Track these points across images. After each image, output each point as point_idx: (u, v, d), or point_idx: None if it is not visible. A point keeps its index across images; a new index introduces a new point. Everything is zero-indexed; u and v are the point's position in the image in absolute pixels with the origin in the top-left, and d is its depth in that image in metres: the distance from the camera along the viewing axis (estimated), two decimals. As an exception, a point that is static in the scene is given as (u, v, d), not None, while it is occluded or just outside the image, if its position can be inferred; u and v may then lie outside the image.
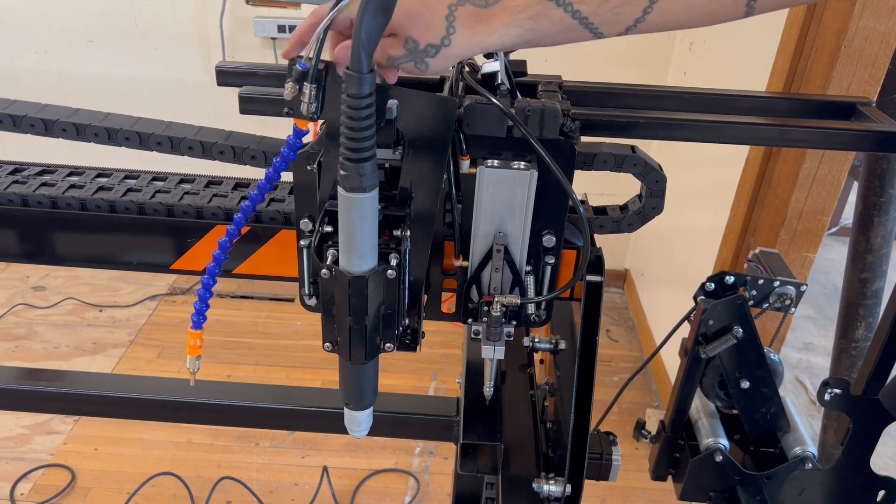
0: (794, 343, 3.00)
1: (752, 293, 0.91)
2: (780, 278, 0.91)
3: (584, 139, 0.87)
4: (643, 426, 1.00)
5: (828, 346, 1.88)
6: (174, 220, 0.97)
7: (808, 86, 1.65)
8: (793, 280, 0.91)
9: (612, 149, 0.87)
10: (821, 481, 0.93)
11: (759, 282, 0.91)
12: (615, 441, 1.02)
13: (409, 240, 0.75)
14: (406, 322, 0.81)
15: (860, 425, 0.92)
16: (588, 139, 0.88)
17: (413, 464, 2.29)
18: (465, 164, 0.79)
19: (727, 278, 0.90)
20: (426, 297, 0.89)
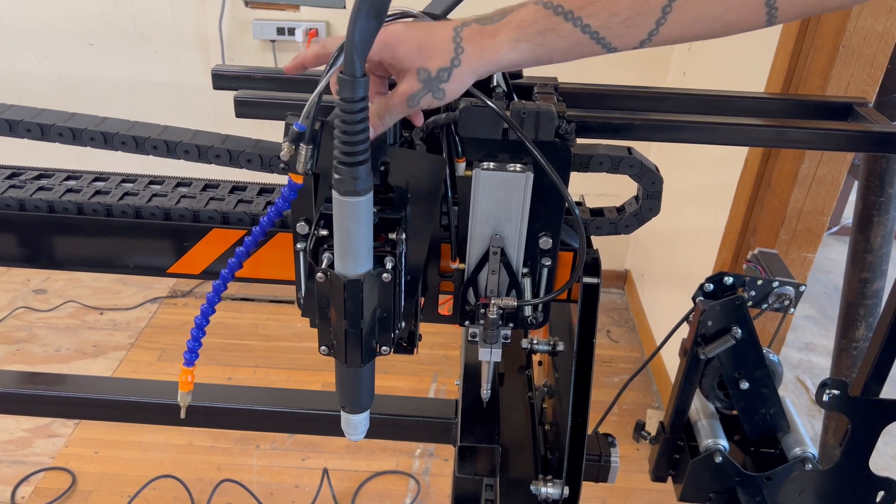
0: (794, 343, 2.99)
1: (751, 294, 0.91)
2: (778, 279, 0.90)
3: (580, 141, 0.87)
4: (643, 427, 1.00)
5: (829, 346, 1.88)
6: (171, 223, 0.97)
7: (807, 85, 1.65)
8: (792, 280, 0.91)
9: (608, 150, 0.87)
10: (820, 482, 0.93)
11: (758, 282, 0.90)
12: (614, 443, 1.02)
13: (404, 243, 0.75)
14: (402, 325, 0.81)
15: (859, 426, 0.92)
16: (584, 141, 0.88)
17: (413, 465, 2.29)
18: (461, 167, 0.79)
19: (726, 279, 0.90)
20: (423, 300, 0.89)
